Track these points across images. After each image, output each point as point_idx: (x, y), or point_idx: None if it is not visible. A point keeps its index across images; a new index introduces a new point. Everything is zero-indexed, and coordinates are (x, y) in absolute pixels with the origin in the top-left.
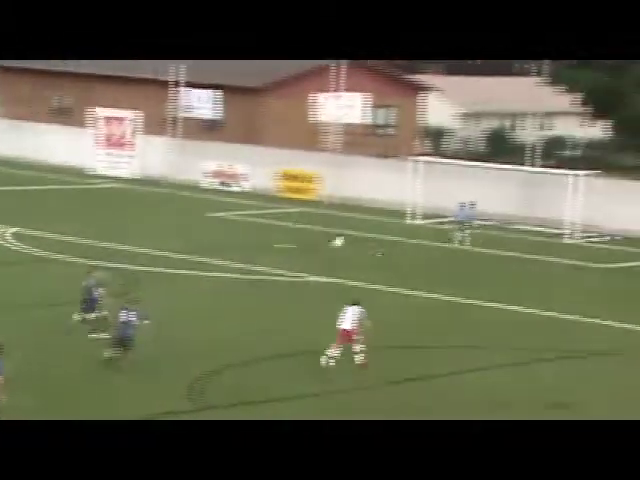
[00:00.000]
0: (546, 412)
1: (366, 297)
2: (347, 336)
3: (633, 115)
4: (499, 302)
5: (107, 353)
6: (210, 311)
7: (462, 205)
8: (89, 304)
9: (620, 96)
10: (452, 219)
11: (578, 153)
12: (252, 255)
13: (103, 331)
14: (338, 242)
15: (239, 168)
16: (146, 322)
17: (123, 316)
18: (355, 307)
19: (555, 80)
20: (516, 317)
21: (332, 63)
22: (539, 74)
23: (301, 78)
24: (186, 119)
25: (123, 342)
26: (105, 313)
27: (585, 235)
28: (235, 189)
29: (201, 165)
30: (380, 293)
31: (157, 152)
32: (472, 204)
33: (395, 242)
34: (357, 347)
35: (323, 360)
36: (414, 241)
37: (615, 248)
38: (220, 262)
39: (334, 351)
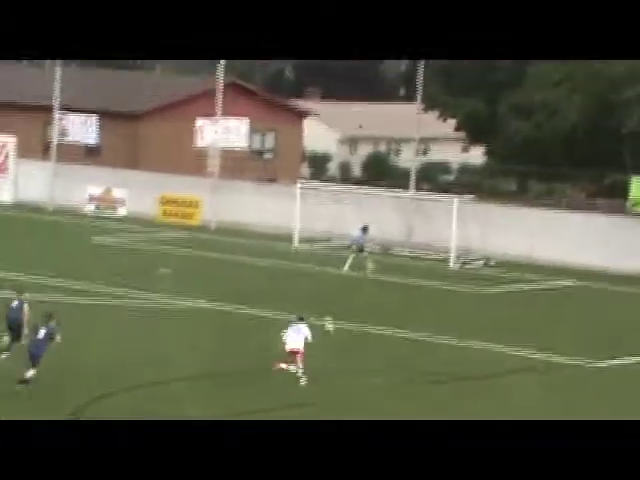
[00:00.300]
0: None
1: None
2: (295, 355)
3: (506, 141)
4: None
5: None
6: (87, 338)
7: (363, 229)
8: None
9: (494, 122)
10: (350, 243)
11: (454, 178)
12: (135, 280)
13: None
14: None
15: (119, 193)
16: (57, 340)
17: (40, 333)
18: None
19: (432, 106)
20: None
21: (212, 87)
22: (416, 100)
23: (182, 103)
24: (62, 144)
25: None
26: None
27: (461, 260)
28: (116, 214)
29: (81, 190)
30: (271, 321)
31: (36, 177)
32: (365, 228)
33: (283, 267)
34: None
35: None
36: (301, 265)
37: (489, 273)
38: (99, 288)
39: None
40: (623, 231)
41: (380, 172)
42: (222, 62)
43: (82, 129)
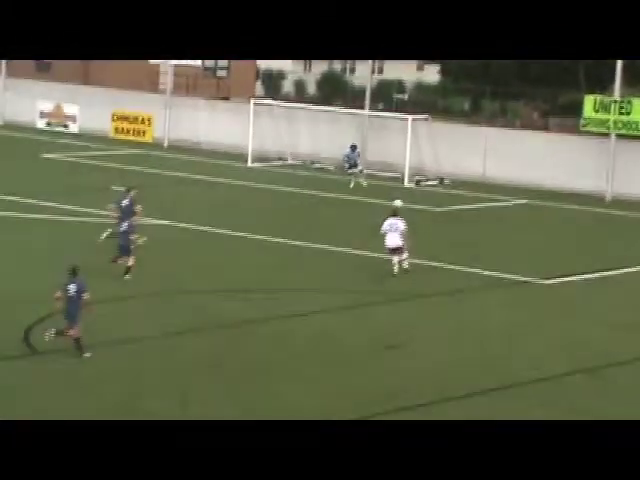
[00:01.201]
0: (386, 353)
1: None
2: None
3: (460, 60)
4: (330, 244)
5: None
6: (50, 258)
7: (352, 147)
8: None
9: None
10: (345, 161)
11: (408, 97)
12: (92, 198)
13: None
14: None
15: (72, 109)
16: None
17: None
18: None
19: None
20: (347, 259)
21: None
22: None
23: None
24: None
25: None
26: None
27: (416, 179)
28: (69, 130)
29: (33, 106)
30: (228, 237)
31: None
32: (354, 146)
33: (239, 186)
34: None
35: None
36: (259, 185)
37: (443, 191)
38: (54, 204)
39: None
40: (576, 151)
41: (335, 90)
42: None
43: None
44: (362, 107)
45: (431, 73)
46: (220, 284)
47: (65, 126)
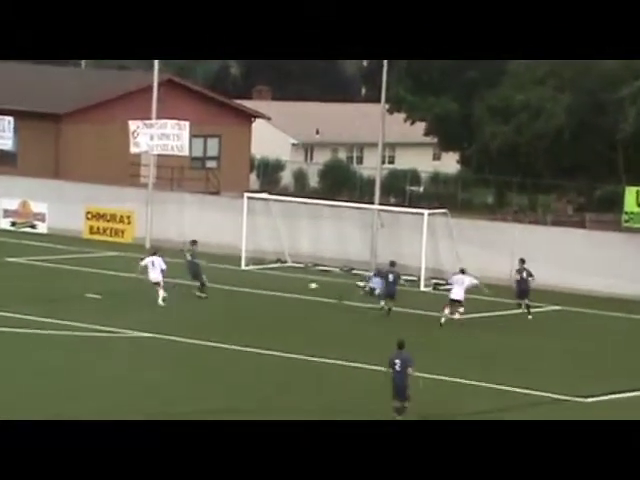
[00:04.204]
0: None
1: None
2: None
3: (483, 147)
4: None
5: None
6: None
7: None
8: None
9: (469, 125)
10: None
11: (424, 190)
12: (58, 307)
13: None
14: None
15: (40, 206)
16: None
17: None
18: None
19: (398, 106)
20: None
21: (147, 84)
22: (379, 100)
23: (111, 103)
24: None
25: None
26: None
27: (434, 283)
28: (36, 230)
29: None
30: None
31: None
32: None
33: (232, 292)
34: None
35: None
36: (256, 291)
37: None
38: (21, 316)
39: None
40: (617, 250)
41: (340, 182)
42: None
43: None
44: (371, 201)
45: (449, 162)
46: None
47: (32, 226)
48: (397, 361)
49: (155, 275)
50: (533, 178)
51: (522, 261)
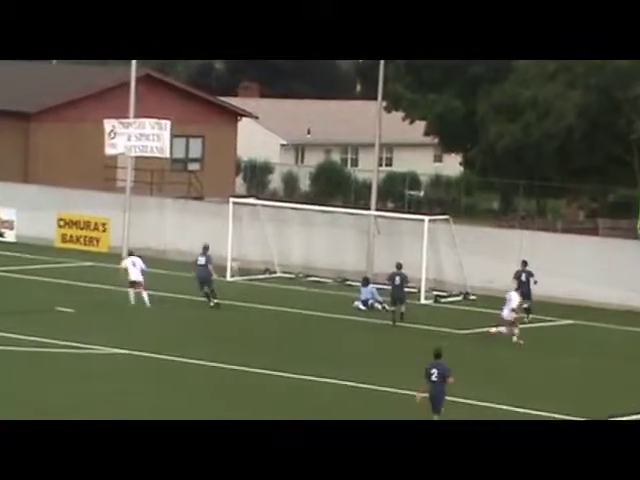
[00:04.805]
0: None
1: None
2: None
3: (487, 148)
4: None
5: None
6: None
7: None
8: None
9: (472, 125)
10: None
11: (423, 194)
12: (27, 320)
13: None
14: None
15: (8, 213)
16: None
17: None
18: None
19: (396, 104)
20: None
21: (124, 81)
22: (375, 97)
23: (85, 101)
24: None
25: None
26: None
27: (435, 294)
28: (4, 239)
29: None
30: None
31: None
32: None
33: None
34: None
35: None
36: (242, 304)
37: (471, 309)
38: None
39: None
40: (633, 259)
41: (333, 186)
42: None
43: None
44: (367, 206)
45: (451, 164)
46: None
47: None
48: (434, 371)
49: (135, 275)
50: (541, 181)
51: (524, 263)
